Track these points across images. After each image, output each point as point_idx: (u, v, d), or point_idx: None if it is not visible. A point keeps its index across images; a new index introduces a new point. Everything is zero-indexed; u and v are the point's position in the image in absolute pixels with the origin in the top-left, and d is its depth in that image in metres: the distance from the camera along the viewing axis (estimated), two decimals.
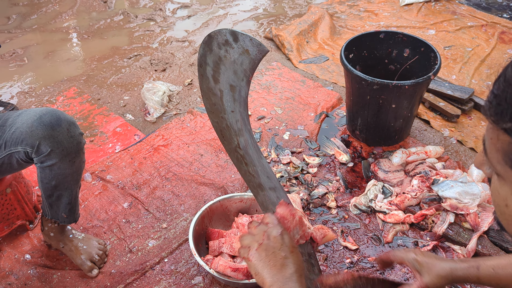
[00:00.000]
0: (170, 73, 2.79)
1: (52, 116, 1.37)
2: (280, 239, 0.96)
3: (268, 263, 0.93)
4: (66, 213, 1.57)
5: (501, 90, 0.57)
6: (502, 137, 0.58)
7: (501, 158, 0.59)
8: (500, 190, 0.63)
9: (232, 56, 1.04)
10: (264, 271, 0.93)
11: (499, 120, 0.57)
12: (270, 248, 0.95)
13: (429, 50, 2.05)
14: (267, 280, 0.92)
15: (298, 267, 0.94)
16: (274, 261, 0.93)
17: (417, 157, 2.00)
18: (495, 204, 0.66)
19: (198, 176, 2.05)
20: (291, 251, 0.95)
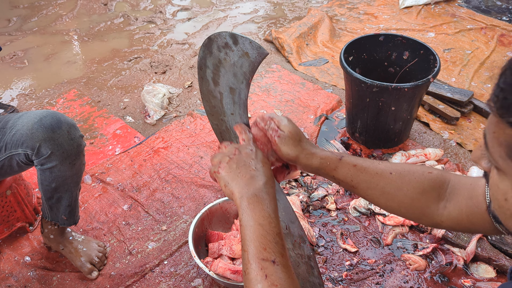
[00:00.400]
0: (170, 75, 2.80)
1: (52, 118, 1.37)
2: (252, 154, 0.94)
3: (238, 174, 0.90)
4: (66, 215, 1.58)
5: (508, 84, 0.56)
6: (507, 131, 0.57)
7: (504, 152, 0.59)
8: (500, 184, 0.63)
9: (232, 59, 1.04)
10: (233, 182, 0.90)
11: (505, 113, 0.57)
12: (241, 161, 0.92)
13: (429, 52, 2.05)
14: (236, 191, 0.89)
15: (269, 179, 0.91)
16: (244, 172, 0.90)
17: (416, 160, 2.01)
18: (494, 198, 0.66)
19: (198, 178, 2.05)
20: (263, 164, 0.92)
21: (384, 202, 0.99)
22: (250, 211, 0.86)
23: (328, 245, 1.74)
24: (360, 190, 1.00)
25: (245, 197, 0.87)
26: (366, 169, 0.98)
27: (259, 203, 0.87)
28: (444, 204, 0.95)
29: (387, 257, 1.69)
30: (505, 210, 0.65)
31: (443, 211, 0.94)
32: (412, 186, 0.96)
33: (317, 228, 1.80)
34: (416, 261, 1.64)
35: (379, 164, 0.99)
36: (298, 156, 0.99)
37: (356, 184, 0.99)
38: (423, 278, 1.61)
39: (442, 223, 0.95)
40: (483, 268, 1.62)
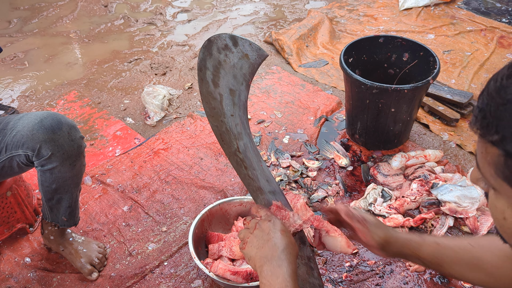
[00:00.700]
0: (170, 77, 2.80)
1: (53, 119, 1.37)
2: (270, 224, 1.01)
3: (258, 247, 0.98)
4: (66, 216, 1.58)
5: (485, 104, 0.58)
6: (490, 149, 0.59)
7: (493, 171, 0.60)
8: (497, 203, 0.64)
9: (232, 61, 1.05)
10: (254, 254, 0.98)
11: (486, 133, 0.59)
12: (260, 234, 1.00)
13: (428, 54, 2.06)
14: (257, 261, 0.96)
15: (287, 246, 0.97)
16: (263, 244, 0.98)
17: (416, 161, 2.01)
18: (494, 218, 0.67)
19: (198, 179, 2.05)
20: (281, 232, 0.99)
21: (472, 275, 1.01)
22: (268, 277, 0.93)
23: None
24: (447, 267, 1.03)
25: (265, 266, 0.94)
26: (448, 244, 1.02)
27: (276, 269, 0.93)
28: None
29: (387, 259, 1.69)
30: (506, 229, 0.65)
31: None
32: (495, 255, 0.97)
33: None
34: None
35: (458, 239, 1.03)
36: (387, 240, 1.07)
37: (441, 261, 1.03)
38: (423, 279, 1.61)
39: None
40: None
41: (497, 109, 0.57)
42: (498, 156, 0.58)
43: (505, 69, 0.59)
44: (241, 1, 3.78)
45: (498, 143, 0.57)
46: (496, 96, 0.57)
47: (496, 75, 0.60)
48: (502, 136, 0.56)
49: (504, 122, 0.56)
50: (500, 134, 0.56)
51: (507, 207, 0.62)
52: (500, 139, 0.56)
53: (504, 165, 0.58)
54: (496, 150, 0.58)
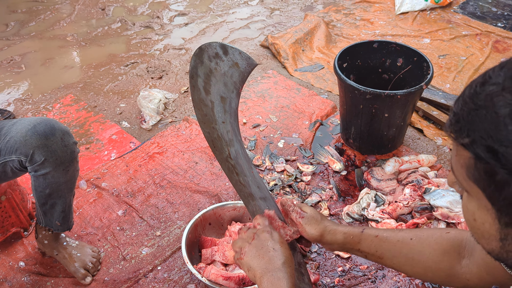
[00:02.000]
0: (166, 80, 2.81)
1: (46, 125, 1.38)
2: (268, 236, 1.03)
3: (258, 257, 0.99)
4: (60, 221, 1.59)
5: (460, 109, 0.62)
6: (462, 152, 0.62)
7: (465, 174, 0.63)
8: (468, 205, 0.67)
9: (222, 69, 1.06)
10: (254, 264, 0.99)
11: (458, 136, 0.61)
12: (259, 245, 1.01)
13: (422, 59, 2.07)
14: (258, 272, 0.97)
15: (287, 259, 0.99)
16: (263, 254, 0.99)
17: (409, 166, 2.02)
18: (466, 219, 0.70)
19: (192, 184, 2.06)
20: (280, 245, 1.01)
21: (411, 269, 1.03)
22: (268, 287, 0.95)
23: (320, 251, 1.75)
24: (386, 259, 1.05)
25: (265, 277, 0.96)
26: (388, 238, 1.04)
27: (276, 282, 0.95)
28: (466, 262, 0.96)
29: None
30: (476, 230, 0.68)
31: (466, 269, 0.96)
32: (432, 249, 0.99)
33: None
34: None
35: (399, 232, 1.05)
36: (322, 234, 1.08)
37: (381, 255, 1.05)
38: (414, 284, 1.62)
39: (469, 281, 0.97)
40: None
41: (469, 113, 0.60)
42: (469, 158, 0.61)
43: (480, 77, 0.62)
44: (238, 4, 3.79)
45: (469, 146, 0.60)
46: (469, 101, 0.61)
47: (471, 82, 0.63)
48: (473, 140, 0.59)
49: (474, 126, 0.59)
50: (470, 137, 0.59)
51: (477, 208, 0.65)
52: (470, 142, 0.59)
53: (474, 167, 0.60)
54: (467, 153, 0.61)
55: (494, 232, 0.64)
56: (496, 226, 0.63)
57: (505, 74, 0.59)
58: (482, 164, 0.59)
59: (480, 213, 0.64)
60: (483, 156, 0.58)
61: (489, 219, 0.63)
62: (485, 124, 0.57)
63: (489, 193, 0.61)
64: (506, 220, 0.61)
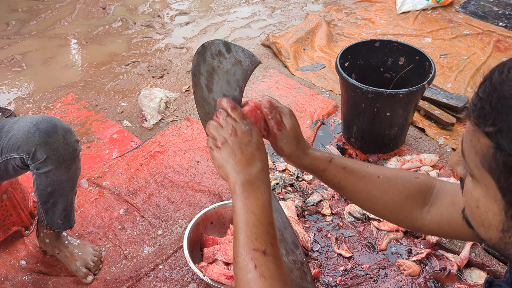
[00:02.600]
0: (167, 79, 2.81)
1: (48, 123, 1.38)
2: (248, 135, 0.90)
3: (234, 159, 0.88)
4: (61, 219, 1.58)
5: (486, 94, 0.57)
6: (482, 140, 0.58)
7: (478, 161, 0.60)
8: (473, 191, 0.65)
9: (225, 67, 1.05)
10: (228, 165, 0.88)
11: (482, 123, 0.58)
12: (237, 144, 0.89)
13: (424, 58, 2.06)
14: (231, 176, 0.87)
15: (265, 165, 0.89)
16: (240, 157, 0.87)
17: (411, 165, 2.02)
18: (467, 205, 0.68)
19: (194, 183, 2.06)
20: (258, 147, 0.90)
21: (369, 205, 1.00)
22: (244, 198, 0.84)
23: (322, 250, 1.75)
24: (346, 191, 1.01)
25: (240, 183, 0.85)
26: (355, 171, 0.99)
27: (253, 190, 0.85)
28: (428, 208, 0.96)
29: (382, 263, 1.70)
30: (476, 217, 0.66)
31: (426, 215, 0.95)
32: (398, 190, 0.97)
33: (312, 233, 1.81)
34: (410, 266, 1.65)
35: (368, 168, 1.00)
36: (291, 154, 0.99)
37: (343, 186, 1.00)
38: (417, 283, 1.62)
39: (424, 227, 0.96)
40: (476, 273, 1.63)
41: (498, 101, 0.56)
42: (488, 147, 0.58)
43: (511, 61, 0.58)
44: (239, 4, 3.79)
45: (492, 135, 0.57)
46: (499, 88, 0.56)
47: (501, 66, 0.58)
48: (498, 129, 0.56)
49: (502, 116, 0.55)
50: (496, 126, 0.56)
51: (483, 196, 0.63)
52: (495, 132, 0.56)
53: (493, 157, 0.58)
54: (488, 141, 0.57)
55: (497, 223, 0.62)
56: (501, 217, 0.61)
57: None
58: (502, 156, 0.56)
59: (486, 201, 0.62)
60: (506, 148, 0.55)
61: (494, 209, 0.62)
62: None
63: (503, 184, 0.58)
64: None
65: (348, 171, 0.99)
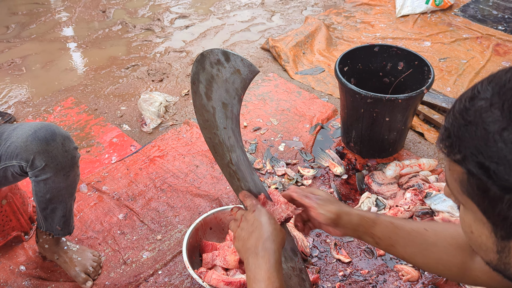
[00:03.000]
0: (167, 83, 2.81)
1: (46, 130, 1.38)
2: (255, 215, 1.01)
3: (243, 239, 0.99)
4: (60, 225, 1.58)
5: (450, 124, 0.61)
6: (455, 167, 0.61)
7: (459, 188, 0.63)
8: (465, 218, 0.67)
9: (224, 75, 1.06)
10: (241, 247, 0.99)
11: (450, 152, 0.61)
12: (245, 226, 1.00)
13: (423, 63, 2.07)
14: (243, 255, 0.98)
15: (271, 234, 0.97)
16: (248, 236, 0.98)
17: (410, 170, 2.02)
18: (463, 231, 0.70)
19: (193, 187, 2.06)
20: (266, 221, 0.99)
21: (422, 260, 1.01)
22: (253, 270, 0.93)
23: (321, 256, 1.75)
24: (398, 248, 1.02)
25: (249, 258, 0.95)
26: (402, 226, 1.02)
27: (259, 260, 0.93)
28: (479, 259, 0.94)
29: (380, 268, 1.70)
30: (473, 242, 0.68)
31: (478, 266, 0.95)
32: (447, 242, 0.98)
33: (311, 239, 1.81)
34: (409, 272, 1.65)
35: (413, 222, 1.03)
36: (339, 215, 1.03)
37: (394, 242, 1.02)
38: None
39: (478, 278, 0.95)
40: None
41: (459, 129, 0.59)
42: (462, 173, 0.60)
43: (469, 91, 0.62)
44: (239, 7, 3.79)
45: (461, 162, 0.60)
46: (459, 117, 0.60)
47: (461, 96, 0.62)
48: (464, 156, 0.59)
49: (465, 142, 0.58)
50: (462, 153, 0.59)
51: (473, 221, 0.65)
52: (462, 158, 0.59)
53: (467, 182, 0.60)
54: (460, 168, 0.60)
55: (491, 245, 0.64)
56: (492, 239, 0.63)
57: (493, 89, 0.58)
58: (474, 180, 0.59)
59: (477, 225, 0.64)
60: (475, 172, 0.58)
61: (485, 232, 0.63)
62: (475, 141, 0.57)
63: (483, 207, 0.61)
64: (502, 234, 0.61)
65: (396, 226, 1.02)
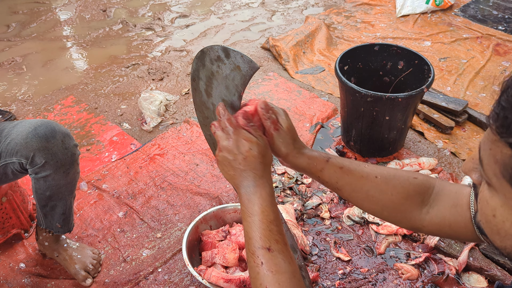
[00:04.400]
0: (167, 82, 2.81)
1: (46, 128, 1.38)
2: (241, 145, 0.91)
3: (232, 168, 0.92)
4: (60, 223, 1.59)
5: (510, 102, 0.55)
6: (504, 150, 0.57)
7: (498, 171, 0.59)
8: (490, 200, 0.63)
9: (224, 72, 1.06)
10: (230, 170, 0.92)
11: (504, 133, 0.56)
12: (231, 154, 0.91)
13: (423, 62, 2.07)
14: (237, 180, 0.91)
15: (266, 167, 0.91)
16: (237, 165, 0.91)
17: (410, 169, 2.02)
18: (482, 212, 0.67)
19: (193, 185, 2.06)
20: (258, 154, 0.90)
21: (368, 205, 1.00)
22: (246, 202, 0.89)
23: (321, 254, 1.75)
24: (344, 192, 1.00)
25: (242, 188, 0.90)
26: (352, 171, 0.98)
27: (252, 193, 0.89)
28: (427, 209, 0.95)
29: (380, 266, 1.70)
30: (492, 226, 0.65)
31: (426, 216, 0.94)
32: (396, 191, 0.96)
33: (311, 237, 1.81)
34: (409, 270, 1.65)
35: (365, 167, 0.99)
36: (288, 154, 0.99)
37: (340, 186, 1.00)
38: (415, 287, 1.62)
39: (423, 227, 0.95)
40: (474, 278, 1.63)
41: None
42: (510, 158, 0.56)
43: None
44: (239, 7, 3.79)
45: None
46: None
47: None
48: None
49: None
50: None
51: (500, 205, 0.62)
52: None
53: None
54: (510, 152, 0.56)
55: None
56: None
57: None
58: None
59: (503, 211, 0.61)
60: None
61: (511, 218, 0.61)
62: None
63: None
64: None
65: (345, 171, 0.98)
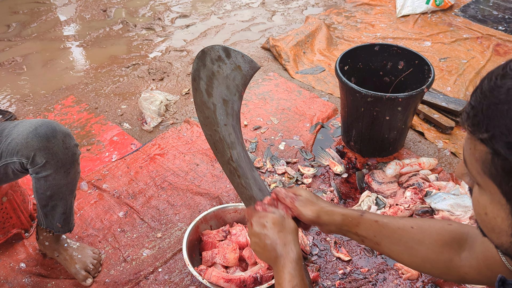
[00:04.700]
0: (167, 82, 2.82)
1: (47, 127, 1.38)
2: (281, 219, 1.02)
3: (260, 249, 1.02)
4: (60, 223, 1.59)
5: (478, 102, 0.60)
6: (479, 147, 0.60)
7: (479, 168, 0.62)
8: (480, 199, 0.66)
9: (225, 72, 1.06)
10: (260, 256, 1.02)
11: (476, 130, 0.60)
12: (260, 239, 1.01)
13: (423, 63, 2.07)
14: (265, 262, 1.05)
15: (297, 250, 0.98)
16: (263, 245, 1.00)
17: (410, 169, 2.02)
18: (476, 213, 0.69)
19: (193, 185, 2.06)
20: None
21: (408, 258, 1.00)
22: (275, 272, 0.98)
23: (321, 254, 1.75)
24: (383, 246, 1.01)
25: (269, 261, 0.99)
26: (387, 224, 1.00)
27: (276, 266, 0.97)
28: (466, 255, 0.95)
29: (380, 266, 1.70)
30: (486, 224, 0.67)
31: (465, 262, 0.94)
32: (433, 239, 0.97)
33: (311, 237, 1.81)
34: (409, 270, 1.65)
35: (399, 220, 1.02)
36: (319, 215, 1.03)
37: (379, 240, 1.01)
38: (415, 287, 1.62)
39: (466, 275, 0.95)
40: None
41: (488, 108, 0.58)
42: (486, 153, 0.59)
43: (499, 69, 0.60)
44: (239, 7, 3.80)
45: (487, 141, 0.58)
46: (489, 95, 0.58)
47: (490, 74, 0.61)
48: (492, 135, 0.57)
49: (494, 121, 0.57)
50: (490, 132, 0.58)
51: (489, 203, 0.64)
52: (489, 138, 0.58)
53: (491, 162, 0.59)
54: (484, 148, 0.59)
55: (506, 227, 0.63)
56: (509, 221, 0.62)
57: None
58: (500, 160, 0.58)
59: (493, 207, 0.63)
60: (502, 153, 0.57)
61: (502, 214, 0.62)
62: (506, 120, 0.56)
63: (505, 189, 0.60)
64: None
65: (381, 224, 1.00)
